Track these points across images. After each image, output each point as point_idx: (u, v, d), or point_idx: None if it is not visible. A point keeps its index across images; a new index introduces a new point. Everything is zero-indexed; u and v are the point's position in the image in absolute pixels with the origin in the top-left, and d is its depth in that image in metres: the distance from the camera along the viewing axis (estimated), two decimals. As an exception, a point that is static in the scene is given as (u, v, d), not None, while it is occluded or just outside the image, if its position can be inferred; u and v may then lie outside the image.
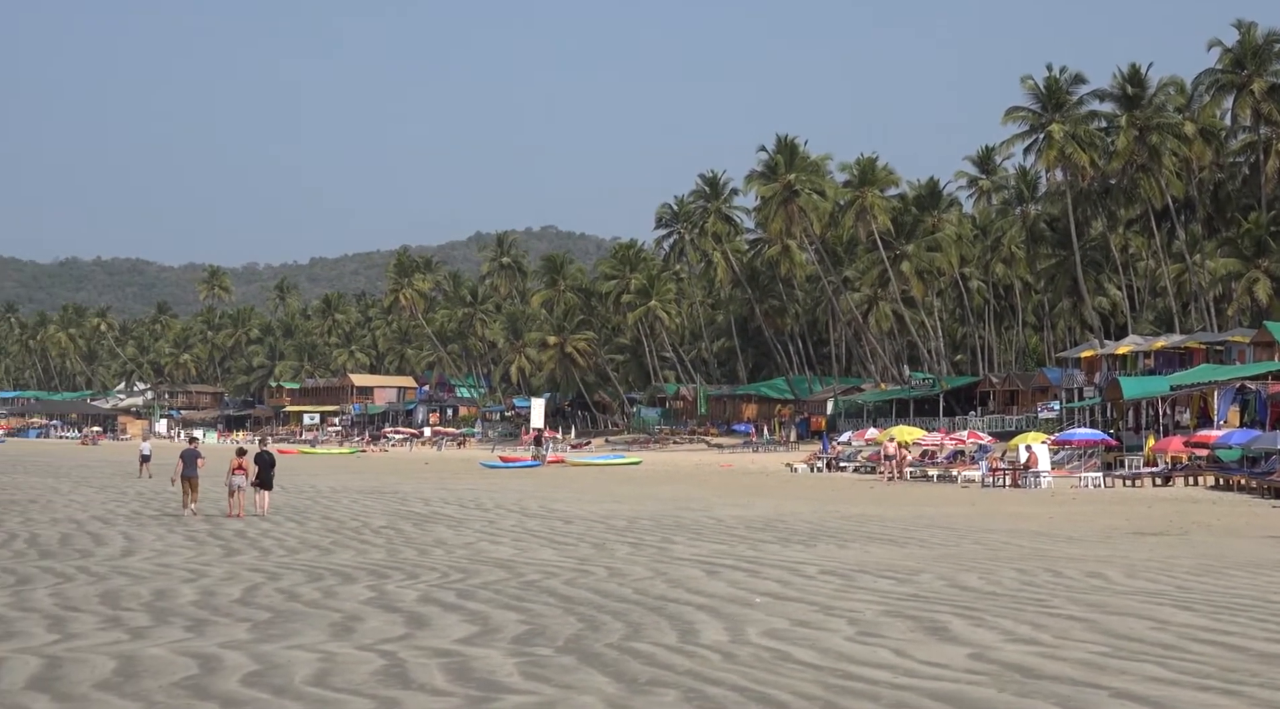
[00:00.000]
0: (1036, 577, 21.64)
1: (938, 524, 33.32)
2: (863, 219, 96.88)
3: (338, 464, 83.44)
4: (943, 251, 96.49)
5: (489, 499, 43.70)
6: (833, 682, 12.97)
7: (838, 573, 22.25)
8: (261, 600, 18.73)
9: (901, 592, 19.76)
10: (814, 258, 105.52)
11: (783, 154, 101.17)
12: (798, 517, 36.01)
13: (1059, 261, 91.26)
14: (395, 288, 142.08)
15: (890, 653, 14.55)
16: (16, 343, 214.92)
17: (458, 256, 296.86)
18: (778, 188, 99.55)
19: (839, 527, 32.59)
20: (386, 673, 13.44)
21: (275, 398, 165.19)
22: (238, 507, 34.72)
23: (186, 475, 35.63)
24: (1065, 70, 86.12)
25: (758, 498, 45.51)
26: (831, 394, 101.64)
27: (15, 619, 16.87)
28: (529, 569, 22.72)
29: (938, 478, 58.03)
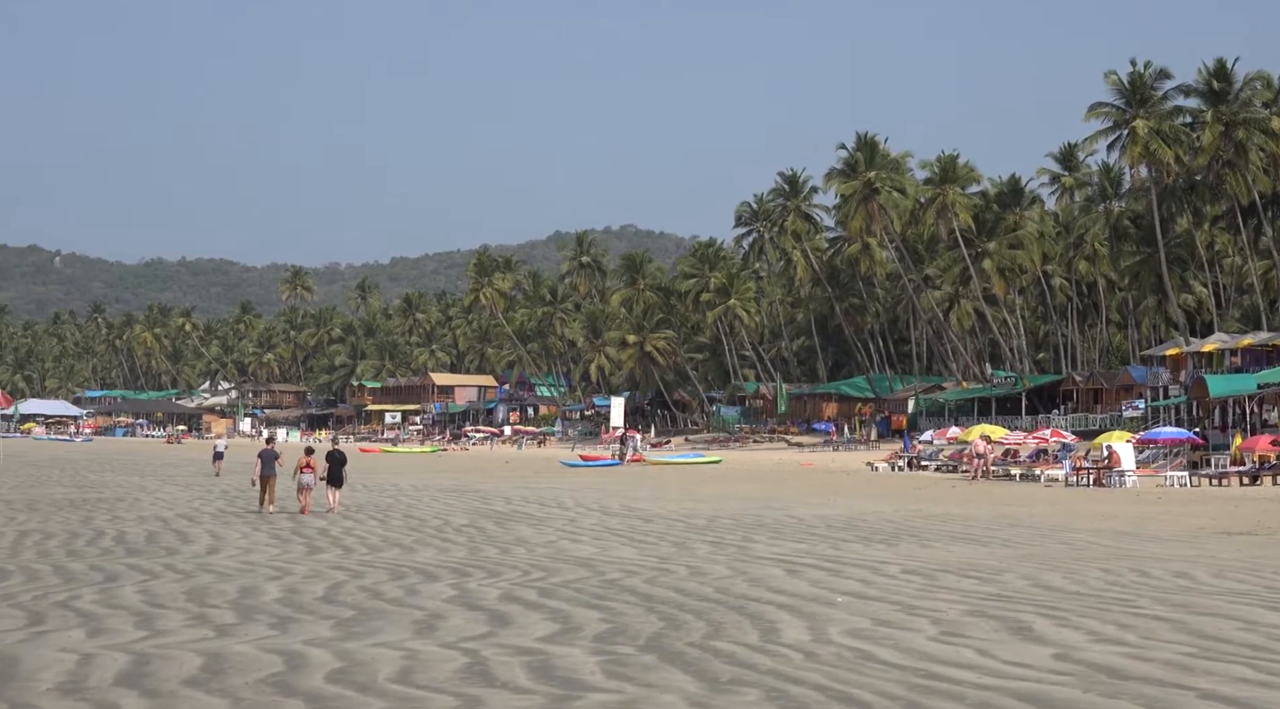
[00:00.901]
0: (1122, 576, 21.42)
1: (1021, 523, 33.06)
2: (944, 216, 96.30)
3: (419, 463, 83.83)
4: (1025, 249, 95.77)
5: (569, 498, 43.74)
6: (916, 681, 12.89)
7: (920, 572, 22.11)
8: (345, 598, 18.84)
9: (985, 591, 19.61)
10: (894, 256, 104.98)
11: (863, 151, 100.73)
12: (879, 516, 35.83)
13: (1143, 259, 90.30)
14: (476, 287, 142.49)
15: (974, 653, 14.44)
16: (103, 343, 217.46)
17: (537, 256, 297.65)
18: (858, 185, 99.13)
19: (921, 526, 32.40)
20: (469, 671, 13.47)
21: (357, 397, 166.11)
22: (306, 503, 35.43)
23: (265, 474, 36.27)
24: (1150, 65, 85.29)
25: (838, 497, 45.32)
26: (912, 392, 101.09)
27: (104, 616, 17.06)
28: (610, 568, 22.73)
29: (1020, 477, 57.59)
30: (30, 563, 23.16)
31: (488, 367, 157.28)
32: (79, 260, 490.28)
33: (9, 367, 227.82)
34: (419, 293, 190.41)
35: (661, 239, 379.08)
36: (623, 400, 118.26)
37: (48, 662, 13.82)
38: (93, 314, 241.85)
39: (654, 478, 60.53)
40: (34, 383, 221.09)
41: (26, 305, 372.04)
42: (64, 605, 17.94)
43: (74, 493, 45.35)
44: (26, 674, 13.19)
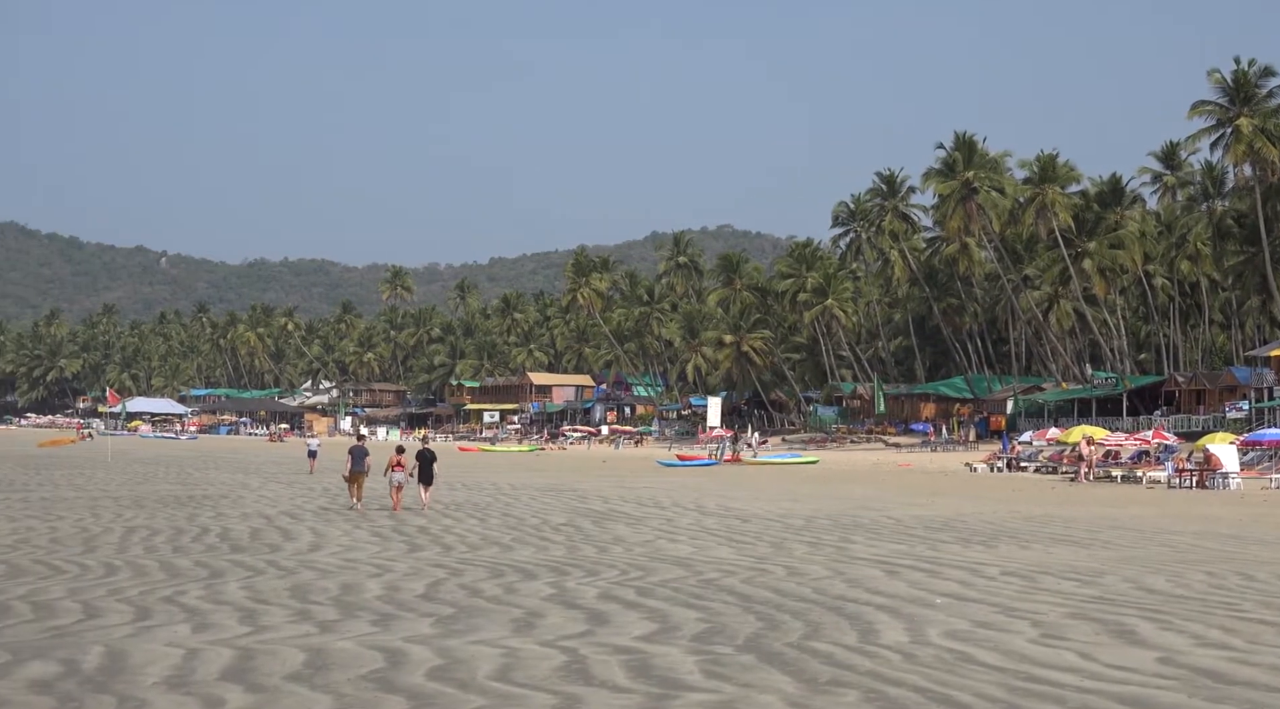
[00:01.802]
0: (1226, 580, 21.17)
1: (1122, 526, 32.73)
2: (1043, 216, 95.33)
3: (517, 462, 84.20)
4: (1126, 249, 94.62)
5: (666, 497, 43.77)
6: (1016, 684, 12.83)
7: (1020, 574, 21.97)
8: (445, 596, 18.98)
9: (1086, 594, 19.45)
10: (993, 255, 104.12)
11: (961, 151, 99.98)
12: (978, 517, 35.60)
13: (1247, 258, 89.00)
14: (573, 287, 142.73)
15: (1075, 656, 14.34)
16: (208, 342, 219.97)
17: (634, 256, 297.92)
18: (956, 185, 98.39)
19: (1020, 527, 32.16)
20: (568, 669, 13.55)
21: (456, 396, 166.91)
22: (397, 500, 36.13)
23: (354, 472, 36.95)
24: (1254, 63, 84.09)
25: (937, 497, 45.05)
26: (1011, 393, 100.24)
27: (209, 611, 17.30)
28: (707, 567, 22.75)
29: (1121, 478, 56.99)
30: (137, 559, 23.52)
31: (585, 366, 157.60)
32: (184, 261, 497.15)
33: (117, 365, 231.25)
34: (517, 293, 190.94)
35: (758, 239, 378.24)
36: (719, 400, 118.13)
37: (155, 656, 14.05)
38: (197, 314, 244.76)
39: (751, 478, 60.45)
40: (141, 381, 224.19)
41: (134, 305, 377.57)
42: (170, 601, 18.22)
43: (179, 490, 45.96)
44: (134, 668, 13.41)
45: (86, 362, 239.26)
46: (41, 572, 21.39)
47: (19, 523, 31.00)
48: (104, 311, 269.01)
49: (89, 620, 16.50)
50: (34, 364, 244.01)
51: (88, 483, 50.46)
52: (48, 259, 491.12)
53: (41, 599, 18.22)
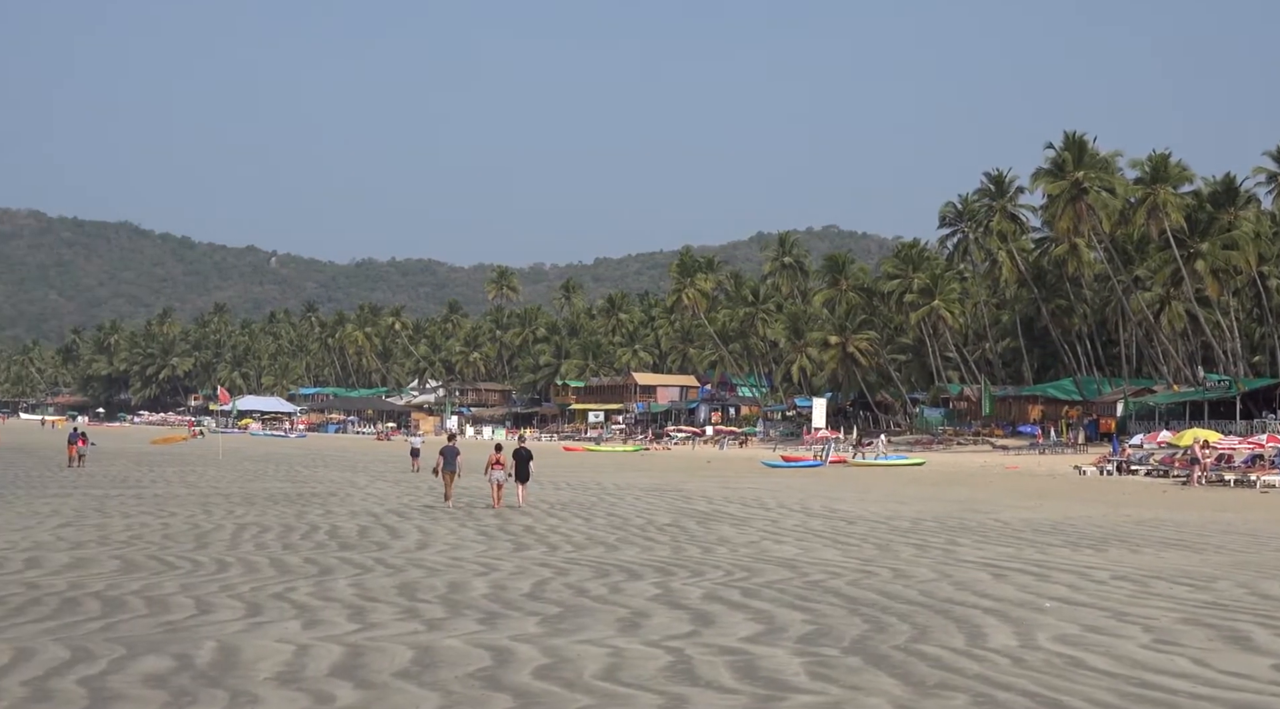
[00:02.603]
0: (1343, 587, 20.80)
1: (1236, 530, 32.24)
2: (1154, 216, 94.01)
3: (622, 462, 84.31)
4: (1240, 249, 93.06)
5: (771, 498, 43.67)
6: (1128, 689, 12.69)
7: (1131, 578, 21.71)
8: (551, 595, 19.05)
9: (1199, 599, 19.19)
10: (1103, 256, 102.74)
11: (1071, 151, 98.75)
12: (1087, 520, 35.21)
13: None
14: (678, 287, 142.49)
15: (1189, 662, 14.16)
16: (316, 341, 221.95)
17: (739, 256, 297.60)
18: (1066, 185, 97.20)
19: (1131, 531, 31.77)
20: (674, 669, 13.56)
21: (561, 396, 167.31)
22: (497, 499, 36.73)
23: (447, 470, 37.47)
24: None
25: (1045, 501, 44.57)
26: (1121, 395, 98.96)
27: (318, 608, 17.48)
28: (813, 569, 22.68)
29: (1235, 483, 56.10)
30: (248, 555, 23.82)
31: (689, 366, 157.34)
32: (294, 261, 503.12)
33: (227, 364, 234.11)
34: (622, 293, 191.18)
35: (864, 240, 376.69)
36: (824, 401, 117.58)
37: (266, 652, 14.22)
38: (306, 313, 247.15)
39: (856, 479, 60.16)
40: (251, 380, 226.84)
41: (244, 304, 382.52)
42: (280, 597, 18.43)
43: (289, 488, 46.47)
44: (246, 664, 13.58)
45: (198, 360, 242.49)
46: (155, 567, 21.72)
47: (133, 519, 31.50)
48: (215, 311, 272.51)
49: (201, 616, 16.73)
50: (147, 362, 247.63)
51: (199, 480, 51.16)
52: (160, 259, 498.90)
53: (155, 594, 18.50)
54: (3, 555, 23.21)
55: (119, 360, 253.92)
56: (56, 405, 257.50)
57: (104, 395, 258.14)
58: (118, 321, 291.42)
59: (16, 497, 40.02)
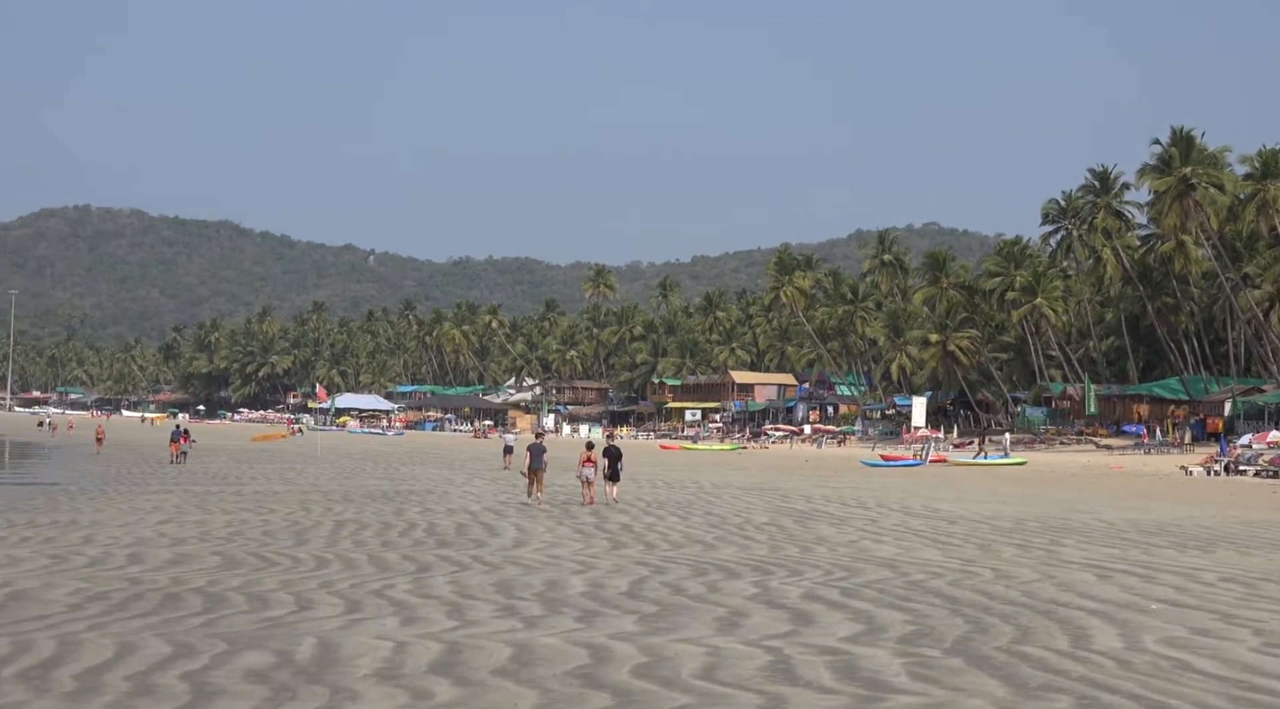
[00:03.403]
0: None
1: (1346, 532, 31.63)
2: (1264, 213, 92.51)
3: (719, 460, 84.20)
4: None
5: (870, 497, 43.41)
6: (1237, 693, 12.44)
7: (1240, 580, 21.33)
8: (648, 593, 18.98)
9: (1310, 602, 18.81)
10: (1210, 253, 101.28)
11: (1178, 146, 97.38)
12: (1194, 521, 34.69)
13: None
14: (776, 285, 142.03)
15: (1299, 666, 13.86)
16: (414, 339, 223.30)
17: (838, 254, 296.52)
18: (1172, 181, 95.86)
19: (1239, 532, 31.26)
20: (773, 669, 13.45)
21: (658, 394, 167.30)
22: (589, 496, 36.94)
23: (533, 467, 37.40)
24: None
25: (1150, 501, 43.98)
26: (1229, 395, 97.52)
27: (417, 605, 17.51)
28: (913, 569, 22.47)
29: (1345, 484, 55.13)
30: (347, 552, 23.94)
31: (787, 365, 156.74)
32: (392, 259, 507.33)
33: (326, 362, 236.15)
34: (719, 291, 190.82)
35: (965, 237, 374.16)
36: (924, 400, 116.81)
37: (365, 648, 14.25)
38: (404, 311, 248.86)
39: (956, 479, 59.69)
40: (349, 378, 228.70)
41: (342, 302, 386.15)
42: (379, 594, 18.49)
43: (386, 485, 46.76)
44: (346, 660, 13.62)
45: (297, 358, 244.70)
46: (255, 564, 21.87)
47: (233, 516, 31.79)
48: (314, 309, 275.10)
49: (301, 612, 16.80)
50: (247, 360, 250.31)
51: (298, 477, 51.60)
52: (260, 257, 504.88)
53: (255, 590, 18.62)
54: (106, 551, 23.47)
55: (219, 358, 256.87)
56: (158, 403, 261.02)
57: (204, 393, 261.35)
58: (218, 320, 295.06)
59: (119, 493, 40.57)
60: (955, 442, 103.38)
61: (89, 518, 30.59)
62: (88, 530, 27.38)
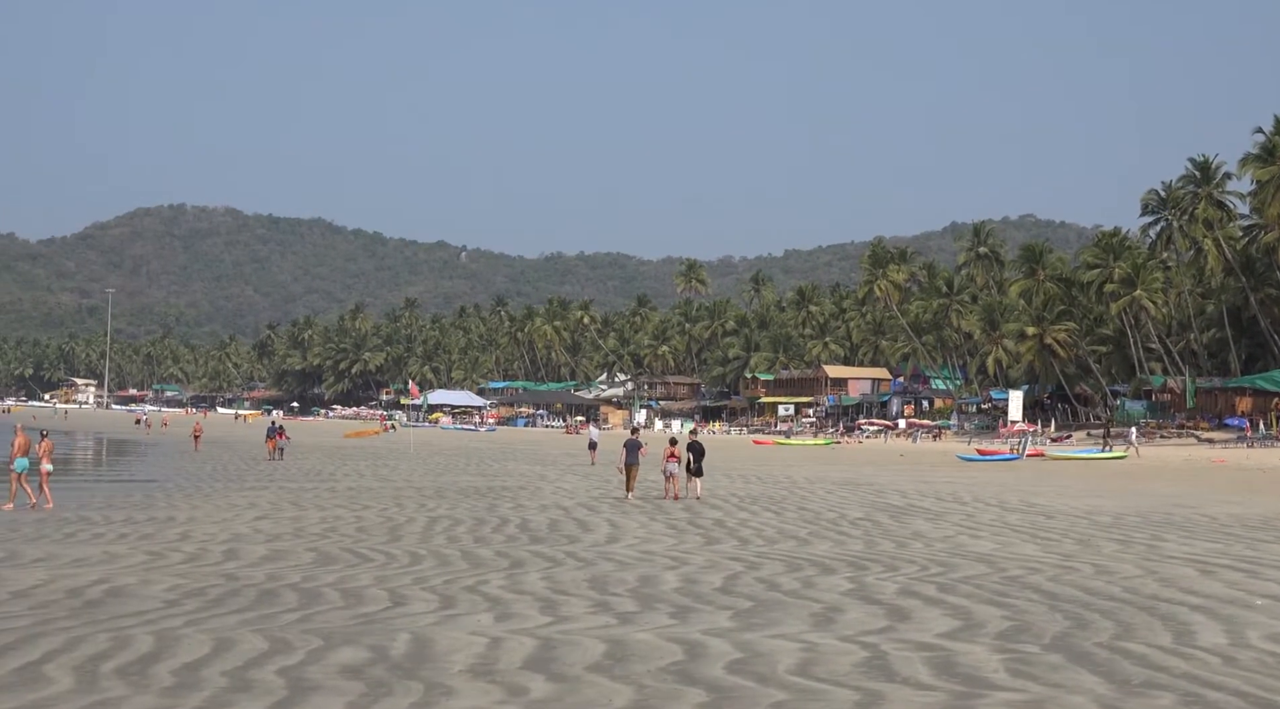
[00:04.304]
0: None
1: None
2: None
3: (812, 455, 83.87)
4: None
5: (967, 492, 43.02)
6: (1347, 692, 12.15)
7: (1348, 576, 20.91)
8: (742, 589, 18.87)
9: None
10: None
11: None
12: (1298, 515, 34.11)
13: None
14: (870, 279, 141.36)
15: None
16: (505, 335, 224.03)
17: (933, 247, 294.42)
18: (1275, 170, 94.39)
19: (1344, 527, 30.68)
20: (869, 665, 13.33)
21: (750, 389, 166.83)
22: (673, 491, 37.23)
23: (629, 463, 37.60)
24: None
25: (1254, 495, 43.28)
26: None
27: (511, 601, 17.50)
28: (1011, 564, 22.21)
29: None
30: (440, 548, 23.98)
31: (881, 359, 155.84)
32: (483, 255, 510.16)
33: (418, 358, 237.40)
34: (812, 285, 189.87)
35: (1062, 229, 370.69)
36: (1021, 394, 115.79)
37: (459, 644, 14.25)
38: (496, 307, 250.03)
39: (1054, 473, 59.08)
40: (441, 374, 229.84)
41: (434, 299, 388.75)
42: (473, 590, 18.50)
43: (479, 481, 46.89)
44: (440, 655, 13.62)
45: (389, 355, 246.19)
46: (350, 560, 21.96)
47: (328, 512, 31.98)
48: (406, 305, 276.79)
49: (396, 608, 16.83)
50: (339, 357, 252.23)
51: (391, 473, 51.89)
52: (353, 254, 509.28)
53: (350, 586, 18.68)
54: (203, 547, 23.67)
55: (312, 355, 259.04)
56: (252, 400, 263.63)
57: (298, 390, 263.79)
58: (311, 317, 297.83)
59: (214, 490, 40.97)
60: (1053, 435, 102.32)
61: (185, 514, 30.90)
62: (184, 527, 27.64)
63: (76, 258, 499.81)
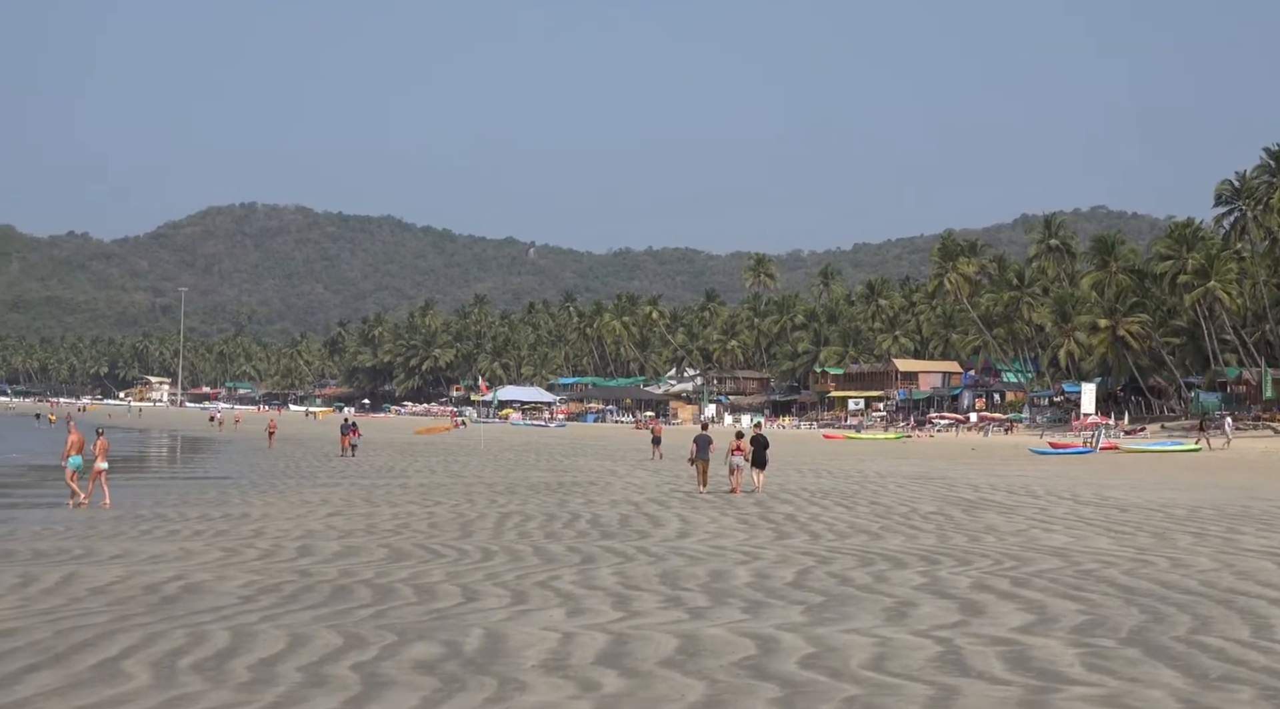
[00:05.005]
0: None
1: None
2: None
3: (883, 449, 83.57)
4: None
5: (1039, 485, 42.76)
6: None
7: None
8: (814, 584, 18.83)
9: None
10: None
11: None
12: (1377, 508, 33.69)
13: None
14: (939, 272, 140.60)
15: None
16: (574, 331, 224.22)
17: (1003, 239, 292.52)
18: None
19: None
20: (943, 659, 13.25)
21: (820, 383, 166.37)
22: (736, 483, 37.51)
23: (699, 457, 38.09)
24: None
25: (1330, 487, 42.80)
26: None
27: (583, 597, 17.52)
28: (1085, 558, 22.05)
29: None
30: (512, 544, 24.05)
31: (952, 352, 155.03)
32: (552, 251, 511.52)
33: (488, 355, 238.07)
34: (882, 278, 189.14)
35: (1134, 220, 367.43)
36: (1094, 386, 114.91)
37: (532, 639, 14.28)
38: (564, 303, 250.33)
39: (1128, 466, 58.61)
40: (511, 370, 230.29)
41: (503, 295, 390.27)
42: (544, 585, 18.53)
43: (549, 477, 46.99)
44: (513, 651, 13.65)
45: (459, 351, 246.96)
46: (422, 556, 22.05)
47: (399, 508, 32.13)
48: (475, 302, 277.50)
49: (468, 604, 16.89)
50: (410, 354, 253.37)
51: (462, 469, 52.07)
52: (423, 251, 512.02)
53: (423, 582, 18.76)
54: (277, 544, 23.83)
55: (383, 352, 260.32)
56: (324, 397, 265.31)
57: (369, 386, 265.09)
58: (381, 314, 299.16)
59: (288, 486, 41.24)
60: (1126, 428, 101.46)
61: (259, 511, 31.13)
62: (258, 523, 27.85)
63: (150, 257, 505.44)
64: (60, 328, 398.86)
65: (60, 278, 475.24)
